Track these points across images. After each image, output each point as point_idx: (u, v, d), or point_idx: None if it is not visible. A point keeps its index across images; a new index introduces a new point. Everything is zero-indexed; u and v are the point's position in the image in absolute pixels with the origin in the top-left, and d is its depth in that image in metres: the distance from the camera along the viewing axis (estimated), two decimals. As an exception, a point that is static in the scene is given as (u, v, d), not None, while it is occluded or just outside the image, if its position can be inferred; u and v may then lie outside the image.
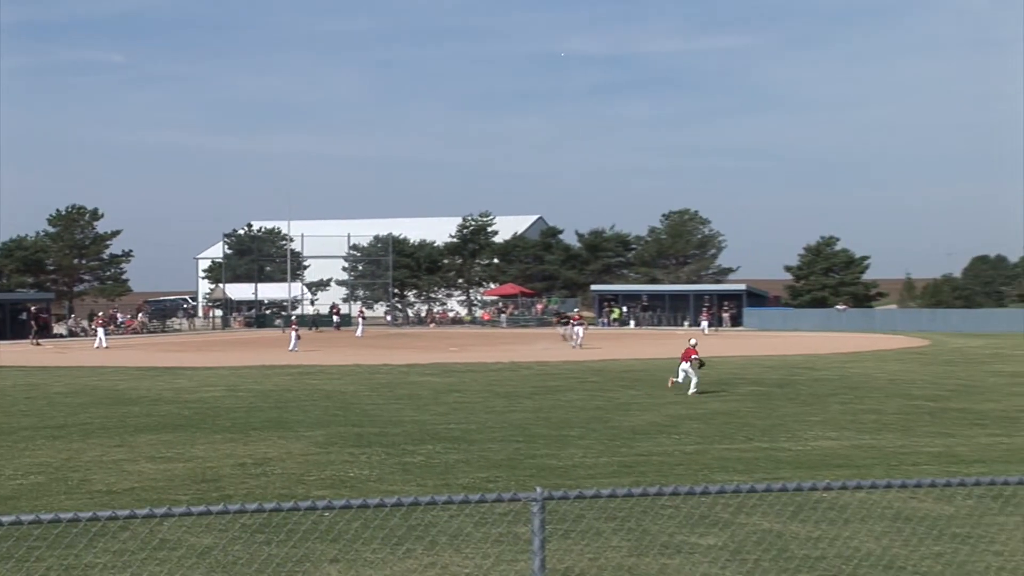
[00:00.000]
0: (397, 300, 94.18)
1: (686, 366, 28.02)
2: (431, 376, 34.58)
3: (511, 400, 26.72)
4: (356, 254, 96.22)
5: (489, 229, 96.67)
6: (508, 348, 50.82)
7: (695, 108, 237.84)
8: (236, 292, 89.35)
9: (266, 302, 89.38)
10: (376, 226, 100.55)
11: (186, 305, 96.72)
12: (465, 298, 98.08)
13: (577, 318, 55.98)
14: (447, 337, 65.37)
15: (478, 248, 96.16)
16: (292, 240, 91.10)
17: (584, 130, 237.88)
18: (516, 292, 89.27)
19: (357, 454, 17.92)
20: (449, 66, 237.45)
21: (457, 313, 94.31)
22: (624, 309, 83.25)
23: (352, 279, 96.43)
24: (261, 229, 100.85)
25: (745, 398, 26.98)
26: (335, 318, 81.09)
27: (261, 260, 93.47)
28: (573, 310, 73.07)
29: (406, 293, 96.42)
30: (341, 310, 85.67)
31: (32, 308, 66.29)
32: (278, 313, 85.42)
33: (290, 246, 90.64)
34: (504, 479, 15.39)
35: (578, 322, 54.25)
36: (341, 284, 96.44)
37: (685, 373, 27.97)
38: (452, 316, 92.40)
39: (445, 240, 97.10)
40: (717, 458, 17.37)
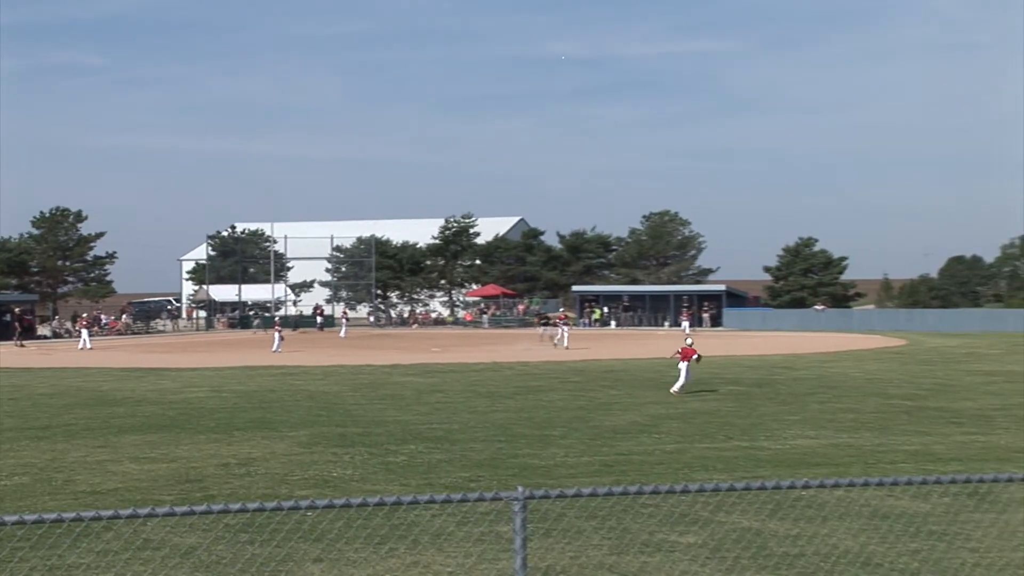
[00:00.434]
0: (380, 301, 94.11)
1: (684, 365, 28.31)
2: (414, 376, 34.62)
3: (493, 400, 26.81)
4: (339, 255, 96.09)
5: (471, 231, 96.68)
6: (490, 349, 50.88)
7: (674, 110, 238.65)
8: (220, 293, 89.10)
9: (250, 303, 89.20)
10: (359, 228, 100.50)
11: (170, 306, 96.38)
12: (447, 299, 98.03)
13: (562, 319, 56.28)
14: (429, 338, 65.39)
15: (460, 249, 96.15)
16: (275, 242, 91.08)
17: (565, 132, 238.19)
18: (498, 293, 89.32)
19: (340, 454, 17.97)
20: (431, 69, 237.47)
21: (439, 314, 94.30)
22: (605, 310, 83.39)
23: (335, 280, 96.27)
24: (244, 231, 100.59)
25: (725, 398, 27.13)
26: (319, 319, 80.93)
27: (245, 261, 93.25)
28: (559, 311, 73.20)
29: (389, 294, 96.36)
30: (325, 311, 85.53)
31: (16, 310, 65.88)
32: (256, 314, 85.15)
33: (273, 248, 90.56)
34: (486, 478, 15.46)
35: (563, 322, 54.50)
36: (324, 285, 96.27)
37: (682, 372, 28.24)
38: (434, 317, 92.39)
39: (427, 241, 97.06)
40: (697, 457, 17.48)
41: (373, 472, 16.22)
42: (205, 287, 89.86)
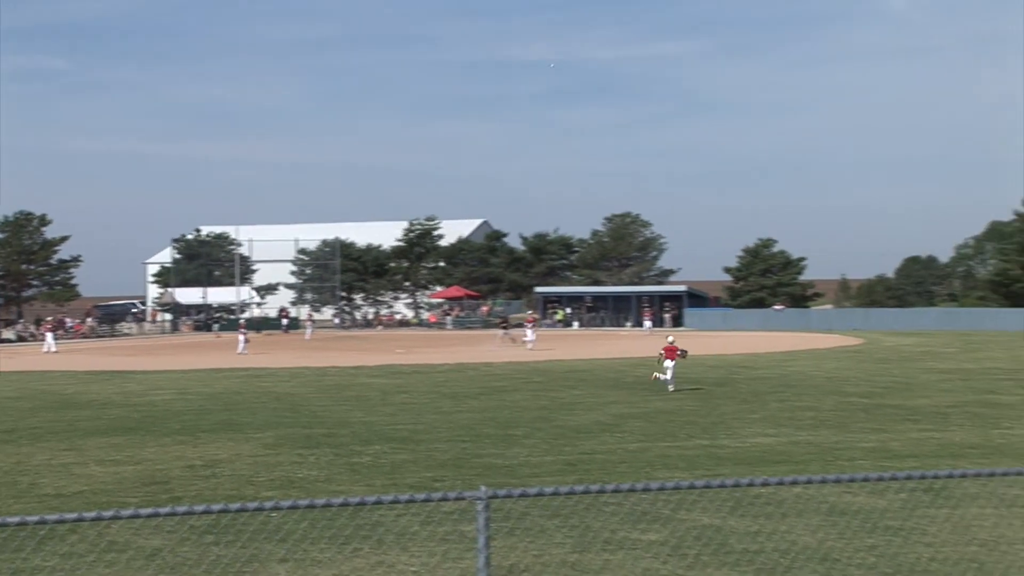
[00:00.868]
0: (345, 303, 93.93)
1: (670, 363, 28.61)
2: (379, 378, 34.64)
3: (458, 401, 26.87)
4: (304, 258, 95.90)
5: (435, 233, 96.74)
6: (454, 350, 50.94)
7: (635, 113, 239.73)
8: (185, 296, 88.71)
9: (215, 306, 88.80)
10: (323, 230, 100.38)
11: (135, 310, 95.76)
12: (412, 301, 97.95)
13: (531, 320, 56.70)
14: (394, 339, 65.32)
15: (424, 252, 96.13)
16: (240, 244, 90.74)
17: (528, 135, 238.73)
18: (461, 295, 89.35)
19: (306, 455, 17.99)
20: (394, 72, 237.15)
21: (404, 316, 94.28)
22: (568, 311, 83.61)
23: (300, 283, 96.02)
24: (209, 234, 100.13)
25: (687, 397, 27.32)
26: (284, 321, 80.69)
27: (210, 264, 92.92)
28: (527, 313, 73.40)
29: (353, 296, 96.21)
30: (290, 313, 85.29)
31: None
32: (215, 318, 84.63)
33: (238, 251, 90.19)
34: (451, 478, 15.51)
35: (531, 324, 54.94)
36: (289, 288, 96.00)
37: (669, 369, 28.68)
38: (399, 319, 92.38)
39: (392, 244, 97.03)
40: (659, 456, 17.58)
41: (338, 473, 16.26)
42: (170, 290, 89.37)
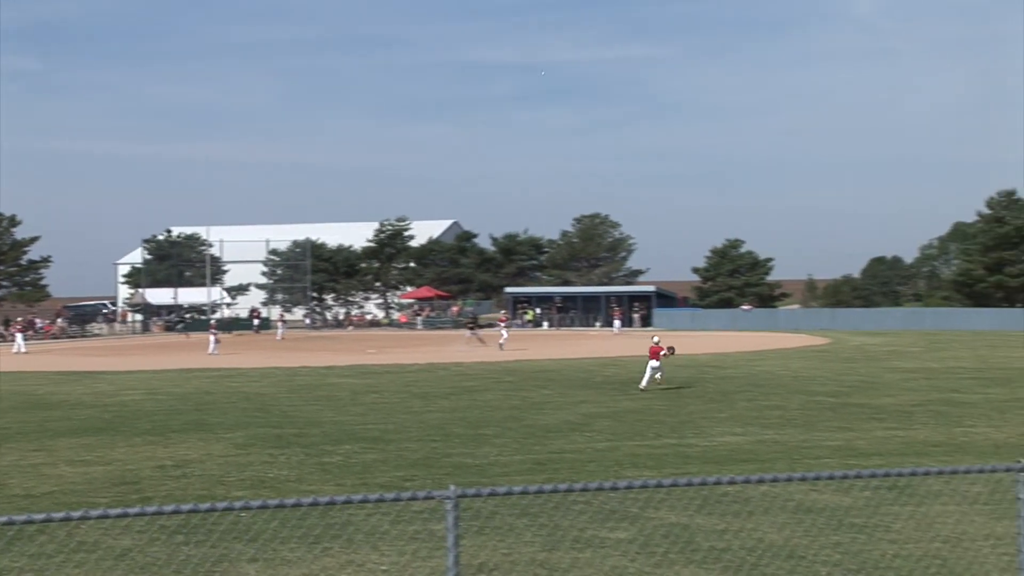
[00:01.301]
0: (315, 303, 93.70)
1: (655, 363, 28.85)
2: (349, 378, 34.64)
3: (428, 400, 26.92)
4: (275, 259, 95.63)
5: (405, 234, 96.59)
6: (425, 350, 50.94)
7: (604, 115, 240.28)
8: (156, 297, 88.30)
9: (186, 306, 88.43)
10: (294, 231, 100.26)
11: (106, 310, 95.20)
12: (382, 301, 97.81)
13: (503, 320, 57.35)
14: (365, 339, 65.22)
15: (395, 252, 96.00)
16: (211, 245, 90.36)
17: (498, 137, 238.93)
18: (432, 295, 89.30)
19: (276, 455, 18.01)
20: (366, 74, 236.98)
21: (374, 316, 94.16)
22: (538, 311, 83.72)
23: (271, 283, 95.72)
24: (180, 235, 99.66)
25: (655, 396, 27.45)
26: (255, 322, 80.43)
27: (181, 265, 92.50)
28: (500, 312, 73.58)
29: (324, 296, 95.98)
30: (261, 314, 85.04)
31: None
32: (182, 319, 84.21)
33: (209, 251, 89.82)
34: (421, 478, 15.58)
35: (504, 324, 55.65)
36: (260, 288, 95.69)
37: (654, 369, 29.00)
38: (370, 319, 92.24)
39: (362, 244, 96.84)
40: (628, 455, 17.69)
41: (309, 472, 16.29)
42: (141, 291, 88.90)
